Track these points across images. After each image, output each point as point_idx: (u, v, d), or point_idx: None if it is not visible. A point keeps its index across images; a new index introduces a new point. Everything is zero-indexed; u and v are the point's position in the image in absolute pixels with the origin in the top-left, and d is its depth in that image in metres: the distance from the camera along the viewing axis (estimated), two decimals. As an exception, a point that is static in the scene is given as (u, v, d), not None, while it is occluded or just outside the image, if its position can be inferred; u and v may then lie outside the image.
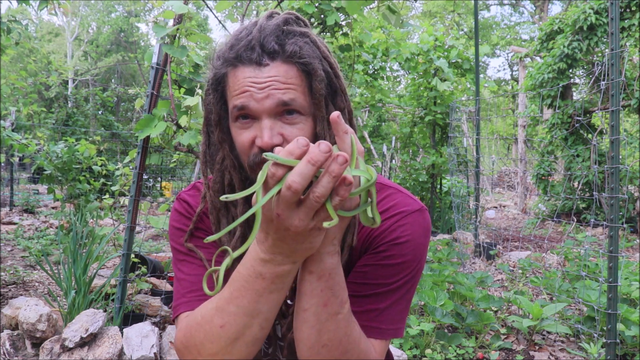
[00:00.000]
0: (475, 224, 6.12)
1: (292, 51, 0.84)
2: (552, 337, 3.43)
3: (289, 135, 0.85)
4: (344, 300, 0.78)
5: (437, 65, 7.62)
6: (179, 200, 1.04)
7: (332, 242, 0.74)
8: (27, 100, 6.97)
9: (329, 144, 0.64)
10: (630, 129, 10.37)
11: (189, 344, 0.84)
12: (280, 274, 0.74)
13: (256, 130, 0.85)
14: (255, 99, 0.83)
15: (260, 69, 0.84)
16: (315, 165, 0.62)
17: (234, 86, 0.86)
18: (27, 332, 2.65)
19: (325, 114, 0.88)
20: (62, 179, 4.82)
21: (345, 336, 0.79)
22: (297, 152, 0.64)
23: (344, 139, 0.69)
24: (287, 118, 0.85)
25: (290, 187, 0.63)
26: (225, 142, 0.92)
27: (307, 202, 0.65)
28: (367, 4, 3.44)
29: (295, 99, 0.84)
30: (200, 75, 2.84)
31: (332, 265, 0.75)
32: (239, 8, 4.59)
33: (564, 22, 9.21)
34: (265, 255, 0.73)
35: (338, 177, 0.63)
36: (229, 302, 0.78)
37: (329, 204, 0.66)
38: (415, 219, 0.92)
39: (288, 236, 0.69)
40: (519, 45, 22.44)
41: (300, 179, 0.63)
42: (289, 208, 0.66)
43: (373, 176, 0.69)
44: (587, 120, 9.06)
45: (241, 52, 0.85)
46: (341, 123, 0.69)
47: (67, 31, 28.09)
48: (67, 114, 15.44)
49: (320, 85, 0.86)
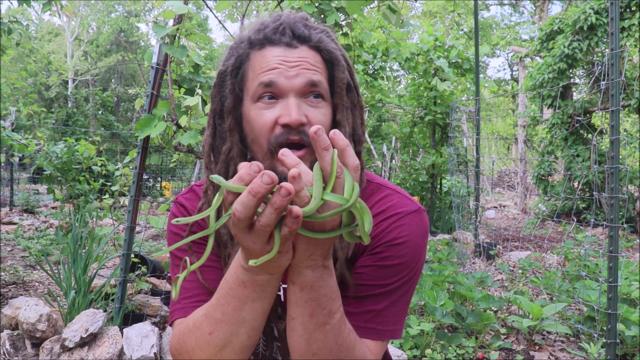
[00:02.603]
0: (475, 224, 6.12)
1: (318, 39, 0.88)
2: (552, 337, 3.43)
3: (312, 117, 0.85)
4: (333, 310, 0.77)
5: (437, 65, 7.62)
6: (177, 204, 1.03)
7: (310, 257, 0.71)
8: (27, 100, 6.97)
9: (272, 174, 0.61)
10: (630, 129, 10.36)
11: (181, 350, 0.85)
12: (260, 283, 0.74)
13: (281, 109, 0.85)
14: (285, 76, 0.84)
15: (291, 49, 0.86)
16: (256, 197, 0.61)
17: (260, 64, 0.87)
18: (27, 332, 2.65)
19: (346, 104, 0.90)
20: (61, 179, 4.82)
21: (335, 345, 0.78)
22: (246, 178, 0.63)
23: (323, 157, 0.64)
24: (312, 101, 0.86)
25: (235, 215, 0.63)
26: (235, 131, 0.91)
27: (255, 228, 0.64)
28: (367, 4, 3.43)
29: (322, 81, 0.86)
30: (200, 75, 2.84)
31: (313, 278, 0.73)
32: (239, 8, 4.58)
33: (564, 22, 9.21)
34: (244, 263, 0.73)
35: (281, 209, 0.61)
36: (216, 309, 0.79)
37: (277, 232, 0.64)
38: (412, 219, 0.91)
39: (252, 254, 0.68)
40: (519, 45, 22.43)
41: (242, 207, 0.62)
42: (242, 231, 0.65)
43: (351, 200, 0.64)
44: (587, 120, 9.06)
45: (270, 35, 0.87)
46: (320, 139, 0.63)
47: (67, 31, 28.09)
48: (67, 114, 15.46)
49: (344, 75, 0.89)
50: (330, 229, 0.68)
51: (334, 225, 0.68)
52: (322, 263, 0.73)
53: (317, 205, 0.63)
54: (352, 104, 0.92)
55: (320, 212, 0.65)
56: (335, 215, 0.65)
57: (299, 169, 0.62)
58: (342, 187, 0.65)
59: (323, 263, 0.73)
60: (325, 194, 0.64)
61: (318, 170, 0.65)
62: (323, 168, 0.64)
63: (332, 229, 0.68)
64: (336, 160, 0.64)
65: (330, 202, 0.65)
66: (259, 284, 0.74)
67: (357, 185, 0.66)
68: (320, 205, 0.64)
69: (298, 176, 0.61)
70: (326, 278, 0.74)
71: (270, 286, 0.75)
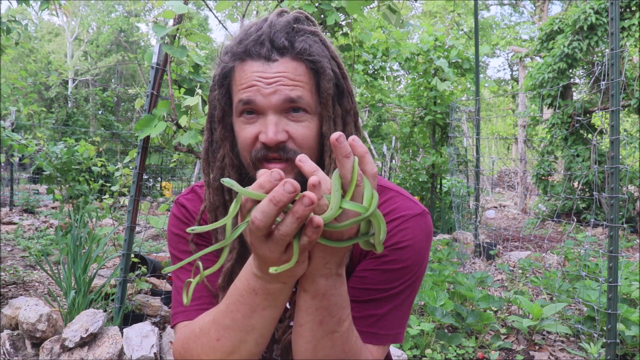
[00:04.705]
0: (475, 224, 6.12)
1: (301, 48, 0.83)
2: (552, 337, 3.43)
3: (294, 132, 0.84)
4: (343, 319, 0.76)
5: (437, 65, 7.62)
6: (177, 205, 1.02)
7: (325, 266, 0.70)
8: (27, 100, 6.97)
9: (295, 183, 0.60)
10: (630, 129, 10.37)
11: (186, 355, 0.84)
12: (272, 291, 0.72)
13: (261, 125, 0.84)
14: (262, 94, 0.82)
15: (269, 64, 0.83)
16: (277, 205, 0.60)
17: (240, 80, 0.85)
18: (27, 332, 2.65)
19: (332, 114, 0.87)
20: (61, 180, 4.82)
21: (342, 353, 0.78)
22: (267, 186, 0.61)
23: (344, 164, 0.62)
24: (293, 115, 0.84)
25: (254, 223, 0.61)
26: (226, 140, 0.91)
27: (274, 237, 0.63)
28: (367, 4, 3.43)
29: (302, 96, 0.83)
30: (200, 75, 2.84)
31: (326, 286, 0.72)
32: (239, 8, 4.58)
33: (564, 22, 9.22)
34: (257, 271, 0.71)
35: (302, 218, 0.60)
36: (224, 315, 0.78)
37: (296, 242, 0.63)
38: (416, 223, 0.90)
39: (267, 262, 0.67)
40: (519, 45, 22.42)
41: (262, 216, 0.60)
42: (259, 240, 0.64)
43: (370, 209, 0.63)
44: (587, 120, 9.06)
45: (250, 47, 0.84)
46: (342, 146, 0.61)
47: (67, 31, 28.09)
48: (67, 114, 15.46)
49: (329, 85, 0.85)
50: (348, 238, 0.67)
51: (352, 233, 0.67)
52: (336, 271, 0.72)
53: (336, 214, 0.62)
54: (344, 111, 0.89)
55: (339, 220, 0.64)
56: (355, 224, 0.63)
57: (318, 176, 0.61)
58: (361, 195, 0.63)
59: (337, 271, 0.72)
60: (343, 202, 0.62)
61: (337, 177, 0.63)
62: (343, 176, 0.63)
63: (349, 237, 0.67)
64: (357, 168, 0.63)
65: (348, 211, 0.63)
66: (271, 292, 0.72)
67: (376, 193, 0.64)
68: (339, 214, 0.63)
69: (318, 184, 0.60)
70: (339, 286, 0.74)
71: (282, 295, 0.74)
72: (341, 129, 0.89)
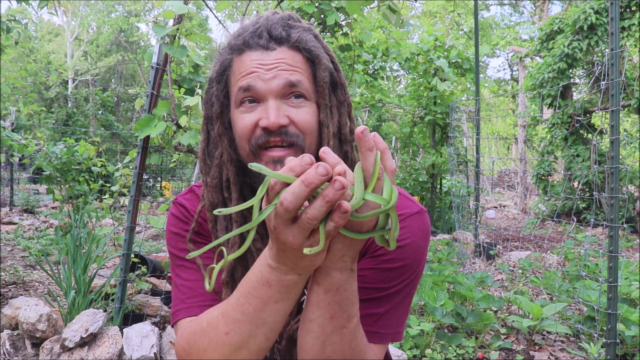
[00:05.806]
0: (475, 224, 6.12)
1: (298, 38, 0.86)
2: (552, 337, 3.43)
3: (296, 117, 0.85)
4: (352, 314, 0.76)
5: (437, 65, 7.62)
6: (176, 204, 1.03)
7: (342, 259, 0.71)
8: (27, 100, 6.97)
9: (327, 166, 0.61)
10: (630, 129, 10.37)
11: (191, 351, 0.83)
12: (287, 283, 0.72)
13: (261, 112, 0.85)
14: (262, 79, 0.84)
15: (268, 52, 0.85)
16: (309, 187, 0.60)
17: (239, 69, 0.87)
18: (27, 332, 2.65)
19: (329, 103, 0.89)
20: (61, 180, 4.82)
21: (349, 349, 0.78)
22: (297, 169, 0.62)
23: (367, 157, 0.63)
24: (293, 102, 0.85)
25: (282, 204, 0.62)
26: (224, 136, 0.92)
27: (301, 221, 0.63)
28: (367, 4, 3.43)
29: (301, 81, 0.85)
30: (200, 75, 2.84)
31: (340, 280, 0.72)
32: (239, 8, 4.59)
33: (564, 22, 9.22)
34: (272, 262, 0.71)
35: (332, 202, 0.61)
36: (234, 308, 0.77)
37: (322, 227, 0.63)
38: (414, 221, 0.91)
39: (287, 250, 0.67)
40: (519, 45, 22.42)
41: (293, 197, 0.61)
42: (284, 224, 0.64)
43: (391, 202, 0.64)
44: (587, 120, 9.07)
45: (248, 38, 0.86)
46: (366, 139, 0.63)
47: (67, 31, 28.08)
48: (67, 114, 15.46)
49: (325, 74, 0.87)
50: (367, 230, 0.68)
51: (370, 226, 0.68)
52: (350, 266, 0.72)
53: (359, 204, 0.63)
54: (339, 102, 0.91)
55: (360, 212, 0.65)
56: (376, 215, 0.64)
57: (343, 166, 0.62)
58: (381, 188, 0.65)
59: (351, 266, 0.73)
60: (366, 194, 0.63)
61: (360, 170, 0.64)
62: (365, 168, 0.64)
63: (367, 230, 0.68)
64: (379, 162, 0.64)
65: (370, 202, 0.64)
66: (285, 284, 0.72)
67: (395, 187, 0.65)
68: (360, 205, 0.64)
69: (344, 173, 0.61)
70: (351, 282, 0.74)
71: (296, 287, 0.73)
72: (337, 118, 0.90)
